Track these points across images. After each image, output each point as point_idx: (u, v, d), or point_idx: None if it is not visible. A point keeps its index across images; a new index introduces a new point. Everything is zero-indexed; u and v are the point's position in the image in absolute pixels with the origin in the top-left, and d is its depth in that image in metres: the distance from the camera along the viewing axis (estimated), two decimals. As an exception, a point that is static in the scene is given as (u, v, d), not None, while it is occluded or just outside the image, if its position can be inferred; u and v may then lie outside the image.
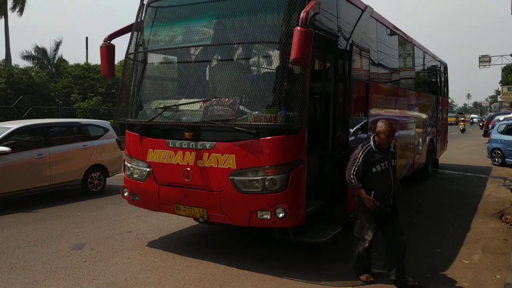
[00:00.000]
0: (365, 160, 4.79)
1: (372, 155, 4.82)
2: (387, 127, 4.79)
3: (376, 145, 4.86)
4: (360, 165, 4.79)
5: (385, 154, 4.87)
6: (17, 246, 6.07)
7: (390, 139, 4.82)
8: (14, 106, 20.26)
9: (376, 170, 4.80)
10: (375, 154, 4.83)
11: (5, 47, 37.19)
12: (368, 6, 6.97)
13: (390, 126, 4.81)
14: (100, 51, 5.97)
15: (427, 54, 11.67)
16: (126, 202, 6.23)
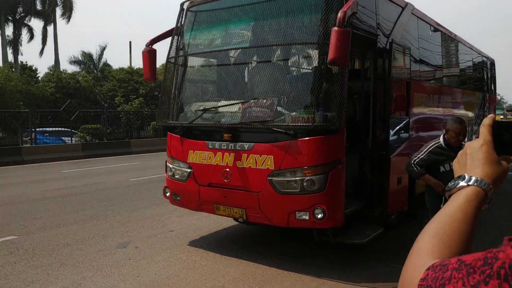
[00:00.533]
0: (432, 155, 4.60)
1: (441, 153, 4.60)
2: (457, 124, 4.53)
3: (446, 142, 4.61)
4: (424, 157, 4.60)
5: (454, 154, 4.57)
6: (66, 243, 6.35)
7: (460, 138, 4.55)
8: (63, 110, 21.13)
9: (444, 169, 4.59)
10: (444, 151, 4.59)
11: (54, 53, 38.87)
12: (408, 4, 6.84)
13: (460, 124, 4.55)
14: (142, 55, 6.15)
15: (472, 51, 11.29)
16: (168, 202, 6.39)
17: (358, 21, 5.30)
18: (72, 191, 10.71)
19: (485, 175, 0.88)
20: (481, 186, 0.87)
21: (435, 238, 0.83)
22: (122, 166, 16.23)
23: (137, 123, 24.90)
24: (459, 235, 0.84)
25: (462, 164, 0.94)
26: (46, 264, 5.50)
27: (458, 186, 0.89)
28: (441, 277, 0.69)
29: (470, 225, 0.85)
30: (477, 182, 0.88)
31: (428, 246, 0.83)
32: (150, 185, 11.30)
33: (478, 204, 0.87)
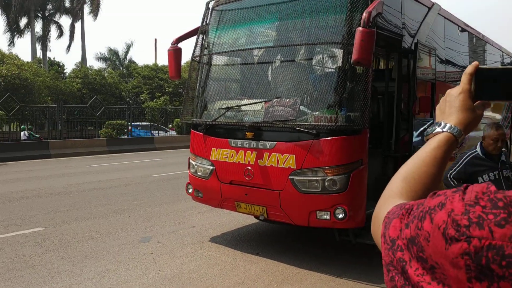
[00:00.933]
0: (469, 167, 4.17)
1: (478, 163, 4.17)
2: (493, 130, 4.08)
3: (483, 151, 4.17)
4: (461, 170, 4.20)
5: (494, 163, 4.17)
6: (90, 236, 6.51)
7: (498, 145, 4.09)
8: (89, 105, 21.56)
9: (483, 180, 4.10)
10: (481, 162, 4.17)
11: (81, 50, 39.68)
12: (435, 4, 6.75)
13: (497, 130, 4.10)
14: (168, 54, 6.24)
15: (500, 51, 11.06)
16: (190, 199, 6.48)
17: (383, 21, 5.27)
18: (97, 185, 10.95)
19: (459, 122, 0.95)
20: (453, 132, 0.95)
21: (404, 182, 0.93)
22: (146, 162, 16.47)
23: (161, 119, 25.21)
24: (425, 179, 0.92)
25: (441, 110, 1.00)
26: (72, 255, 5.65)
27: (435, 131, 0.97)
28: (396, 212, 0.79)
29: (438, 169, 0.93)
30: (450, 128, 0.95)
31: (398, 188, 0.92)
32: (173, 181, 11.46)
33: (448, 149, 0.95)
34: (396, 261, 0.73)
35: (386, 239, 0.77)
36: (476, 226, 0.62)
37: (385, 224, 0.79)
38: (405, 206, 0.77)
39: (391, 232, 0.76)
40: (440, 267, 0.65)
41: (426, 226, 0.68)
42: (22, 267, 5.22)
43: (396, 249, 0.74)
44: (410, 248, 0.71)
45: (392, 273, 0.75)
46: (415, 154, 0.96)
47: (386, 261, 0.76)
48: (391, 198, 0.90)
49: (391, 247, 0.75)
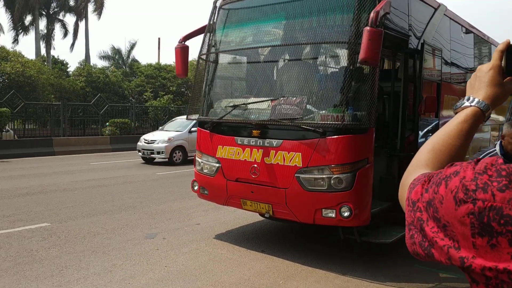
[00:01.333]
0: None
1: None
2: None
3: (503, 151, 3.88)
4: None
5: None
6: (96, 232, 6.56)
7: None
8: (93, 104, 21.62)
9: None
10: None
11: (85, 48, 39.75)
12: (441, 5, 6.78)
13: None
14: (175, 51, 6.29)
15: (505, 53, 11.06)
16: (194, 196, 6.53)
17: (390, 21, 5.31)
18: (101, 182, 11.01)
19: (487, 96, 1.00)
20: (480, 106, 0.99)
21: (431, 153, 0.99)
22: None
23: (164, 118, 25.25)
24: (451, 151, 0.99)
25: (471, 85, 1.05)
26: (78, 251, 5.70)
27: (463, 105, 1.01)
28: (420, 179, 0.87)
29: (463, 142, 0.99)
30: (478, 103, 0.99)
31: (424, 159, 0.99)
32: (176, 180, 11.52)
33: (474, 123, 1.00)
34: (416, 220, 0.84)
35: (409, 202, 0.87)
36: (481, 191, 0.72)
37: (410, 189, 0.88)
38: (428, 175, 0.86)
39: (413, 195, 0.86)
40: (450, 225, 0.76)
41: (441, 191, 0.78)
42: (29, 261, 5.26)
43: (416, 210, 0.84)
44: (428, 210, 0.81)
45: (412, 232, 0.85)
46: (442, 127, 1.01)
47: (408, 221, 0.87)
48: (417, 168, 0.97)
49: (413, 209, 0.85)
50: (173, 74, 34.74)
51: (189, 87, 35.22)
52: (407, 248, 0.81)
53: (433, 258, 0.81)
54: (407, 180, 0.95)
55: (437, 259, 0.79)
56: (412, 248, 0.86)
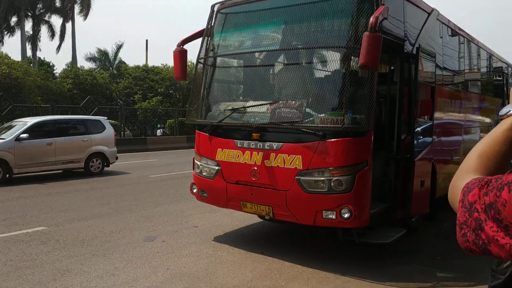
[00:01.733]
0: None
1: None
2: None
3: None
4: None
5: None
6: (94, 236, 6.55)
7: None
8: (82, 106, 21.47)
9: None
10: None
11: (72, 50, 39.39)
12: (434, 9, 6.93)
13: None
14: (174, 55, 6.32)
15: (493, 56, 11.32)
16: (190, 199, 6.58)
17: (387, 26, 5.41)
18: (94, 185, 10.97)
19: None
20: None
21: (479, 159, 1.06)
22: (140, 162, 16.49)
23: (153, 120, 25.19)
24: (498, 157, 1.05)
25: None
26: (79, 254, 5.70)
27: (509, 113, 1.06)
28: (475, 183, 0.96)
29: (509, 148, 1.05)
30: None
31: (473, 164, 1.06)
32: (170, 182, 11.53)
33: None
34: (471, 220, 0.93)
35: (465, 203, 0.95)
36: None
37: (464, 192, 0.97)
38: (484, 179, 0.94)
39: (470, 197, 0.94)
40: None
41: (504, 195, 0.86)
42: (30, 265, 5.25)
43: (473, 210, 0.92)
44: (488, 211, 0.89)
45: (465, 230, 0.95)
46: (489, 134, 1.07)
47: (461, 220, 0.96)
48: (467, 173, 1.05)
49: (469, 209, 0.93)
50: (161, 76, 34.66)
51: (177, 89, 35.15)
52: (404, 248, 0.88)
53: (489, 254, 0.89)
54: (457, 184, 1.03)
55: (495, 255, 0.88)
56: (465, 245, 0.95)
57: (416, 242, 6.42)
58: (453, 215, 0.99)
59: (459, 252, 4.64)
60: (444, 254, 5.94)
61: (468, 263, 5.62)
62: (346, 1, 5.27)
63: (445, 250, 6.11)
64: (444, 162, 7.64)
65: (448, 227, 7.42)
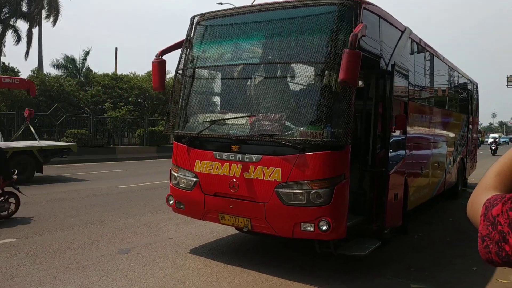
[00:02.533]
0: None
1: None
2: None
3: None
4: None
5: None
6: (66, 248, 6.38)
7: None
8: (49, 114, 20.94)
9: None
10: None
11: (38, 56, 38.46)
12: (407, 28, 7.18)
13: None
14: (152, 66, 6.29)
15: (460, 74, 11.78)
16: (163, 210, 6.52)
17: (364, 43, 5.57)
18: (63, 196, 10.68)
19: None
20: None
21: (497, 177, 1.15)
22: (110, 172, 16.17)
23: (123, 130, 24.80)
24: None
25: None
26: (51, 267, 5.53)
27: None
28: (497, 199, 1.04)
29: None
30: None
31: (492, 182, 1.15)
32: (142, 193, 11.36)
33: None
34: (494, 233, 1.00)
35: (488, 217, 1.03)
36: None
37: (486, 207, 1.05)
38: (506, 196, 1.03)
39: (493, 212, 1.02)
40: None
41: None
42: (0, 279, 5.06)
43: (497, 224, 1.00)
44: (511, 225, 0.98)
45: (487, 242, 1.02)
46: (506, 153, 1.18)
47: (483, 233, 1.04)
48: (486, 190, 1.14)
49: (492, 223, 1.01)
50: (130, 84, 34.24)
51: (147, 98, 34.79)
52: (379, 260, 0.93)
53: (511, 265, 0.98)
54: (477, 199, 1.12)
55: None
56: (487, 256, 1.03)
57: (389, 254, 6.56)
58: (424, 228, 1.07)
59: (432, 264, 4.84)
60: (417, 266, 6.09)
61: (441, 275, 5.79)
62: (326, 18, 5.38)
63: (418, 262, 6.27)
64: (415, 175, 7.87)
65: (419, 240, 7.62)
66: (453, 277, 5.69)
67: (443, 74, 10.12)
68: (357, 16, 5.17)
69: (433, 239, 7.73)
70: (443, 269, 6.07)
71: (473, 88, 13.63)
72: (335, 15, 5.12)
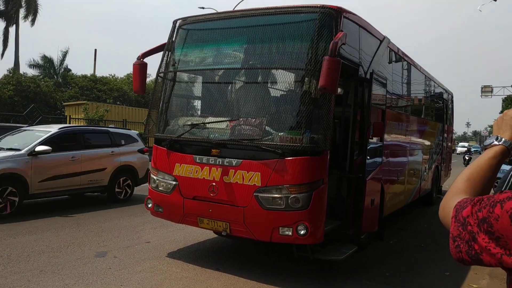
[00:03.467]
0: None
1: None
2: None
3: None
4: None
5: None
6: (41, 251, 6.28)
7: None
8: (25, 115, 20.55)
9: None
10: None
11: (14, 55, 37.72)
12: (385, 37, 7.34)
13: None
14: (133, 68, 6.27)
15: (436, 84, 12.06)
16: (140, 214, 6.48)
17: (344, 51, 5.67)
18: (38, 198, 10.47)
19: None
20: (506, 145, 1.25)
21: (467, 182, 1.23)
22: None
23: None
24: (483, 181, 1.22)
25: (498, 126, 1.31)
26: (25, 270, 5.44)
27: (492, 144, 1.27)
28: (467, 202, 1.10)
29: (493, 174, 1.23)
30: (505, 142, 1.25)
31: (462, 186, 1.22)
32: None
33: (501, 158, 1.25)
34: (464, 233, 1.07)
35: (458, 218, 1.10)
36: None
37: (457, 209, 1.12)
38: (475, 198, 1.10)
39: (464, 213, 1.09)
40: (504, 237, 0.99)
41: (496, 211, 1.01)
42: (-28, 282, 4.96)
43: (467, 224, 1.07)
44: (481, 225, 1.04)
45: (458, 242, 1.08)
46: (475, 161, 1.26)
47: (454, 234, 1.10)
48: (457, 194, 1.21)
49: (462, 224, 1.08)
50: (109, 86, 33.91)
51: (126, 100, 34.50)
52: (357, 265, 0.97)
53: (481, 263, 1.04)
54: (449, 203, 1.18)
55: (486, 263, 1.03)
56: (458, 256, 1.09)
57: (366, 259, 6.66)
58: (399, 234, 1.12)
59: (407, 269, 4.96)
60: (393, 271, 6.20)
61: (416, 280, 5.91)
62: (307, 26, 5.47)
63: (393, 267, 6.38)
64: (391, 182, 8.02)
65: (395, 246, 7.75)
66: (427, 282, 5.81)
67: (419, 83, 10.35)
68: (337, 24, 5.27)
69: (408, 245, 7.87)
70: (418, 274, 6.19)
71: (448, 98, 13.96)
72: (316, 22, 5.21)
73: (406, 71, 9.12)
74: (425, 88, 10.84)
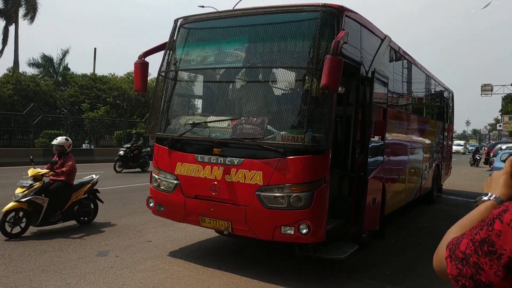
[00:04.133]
0: None
1: None
2: None
3: None
4: None
5: None
6: (43, 250, 6.28)
7: None
8: (25, 114, 20.53)
9: None
10: None
11: (14, 54, 37.68)
12: (387, 36, 7.33)
13: None
14: (135, 67, 6.27)
15: (436, 82, 12.06)
16: (142, 213, 6.48)
17: (345, 50, 5.66)
18: (39, 197, 10.45)
19: (501, 194, 1.30)
20: (497, 201, 1.27)
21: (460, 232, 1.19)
22: (87, 174, 15.88)
23: (101, 131, 24.47)
24: None
25: (488, 185, 1.35)
26: (27, 269, 5.44)
27: (483, 199, 1.30)
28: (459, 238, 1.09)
29: None
30: (495, 198, 1.28)
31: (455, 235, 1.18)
32: (119, 196, 11.23)
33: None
34: (465, 269, 1.03)
35: (456, 255, 1.07)
36: None
37: (450, 249, 1.11)
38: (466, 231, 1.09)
39: (461, 248, 1.06)
40: (508, 252, 0.96)
41: (496, 226, 1.00)
42: (-26, 282, 4.96)
43: (468, 257, 1.03)
44: (480, 249, 1.00)
45: (462, 281, 1.04)
46: (467, 215, 1.27)
47: (454, 274, 1.06)
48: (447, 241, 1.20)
49: (462, 259, 1.05)
50: (109, 85, 33.88)
51: (125, 99, 34.47)
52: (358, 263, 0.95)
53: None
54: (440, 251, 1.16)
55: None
56: None
57: (367, 258, 6.66)
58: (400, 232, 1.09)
59: (407, 268, 4.96)
60: (394, 269, 6.20)
61: (416, 278, 5.91)
62: (308, 24, 5.46)
63: (394, 265, 6.38)
64: (392, 180, 8.02)
65: (396, 244, 7.75)
66: (428, 280, 5.81)
67: (420, 82, 10.35)
68: (339, 23, 5.27)
69: (409, 243, 7.87)
70: (419, 272, 6.19)
71: (449, 96, 13.96)
72: (317, 21, 5.20)
73: (407, 70, 9.11)
74: (426, 86, 10.84)
